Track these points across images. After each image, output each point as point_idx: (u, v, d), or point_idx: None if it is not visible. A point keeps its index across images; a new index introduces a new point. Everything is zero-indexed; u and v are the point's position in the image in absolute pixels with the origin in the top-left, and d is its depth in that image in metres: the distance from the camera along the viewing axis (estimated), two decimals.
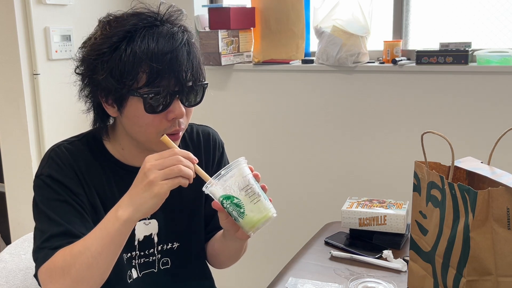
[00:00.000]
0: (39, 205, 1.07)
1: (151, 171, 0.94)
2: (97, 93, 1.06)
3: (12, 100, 2.29)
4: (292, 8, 2.43)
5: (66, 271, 0.97)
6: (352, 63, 2.26)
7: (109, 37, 1.02)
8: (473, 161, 1.16)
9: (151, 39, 1.00)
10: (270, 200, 1.03)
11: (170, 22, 1.06)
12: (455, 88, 2.13)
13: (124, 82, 1.00)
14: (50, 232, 1.03)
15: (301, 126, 2.47)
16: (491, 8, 2.17)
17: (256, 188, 1.00)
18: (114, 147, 1.15)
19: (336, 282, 1.30)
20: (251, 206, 0.98)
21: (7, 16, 2.20)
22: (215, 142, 1.30)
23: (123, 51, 1.00)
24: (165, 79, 1.01)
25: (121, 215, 0.96)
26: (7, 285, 1.25)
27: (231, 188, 0.98)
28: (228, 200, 0.99)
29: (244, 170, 1.01)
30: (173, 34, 1.03)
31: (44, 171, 1.08)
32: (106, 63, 1.01)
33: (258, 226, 0.99)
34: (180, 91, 1.03)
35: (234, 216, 1.00)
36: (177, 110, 1.04)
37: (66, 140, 1.15)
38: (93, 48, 1.03)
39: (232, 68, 2.56)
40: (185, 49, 1.03)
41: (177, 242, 1.23)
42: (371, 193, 2.18)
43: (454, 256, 1.03)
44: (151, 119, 1.03)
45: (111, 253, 0.99)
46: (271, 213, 1.00)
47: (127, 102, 1.03)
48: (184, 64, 1.02)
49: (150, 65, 0.99)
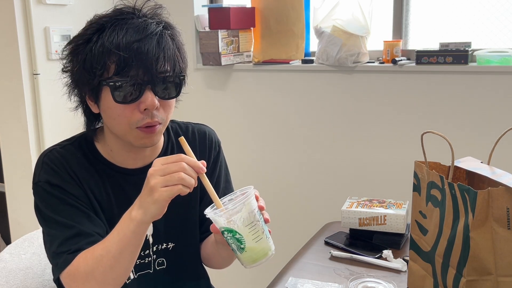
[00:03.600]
0: (43, 211, 1.08)
1: (153, 176, 0.94)
2: (78, 88, 1.08)
3: (12, 100, 2.29)
4: (292, 8, 2.43)
5: (90, 274, 0.99)
6: (352, 63, 2.26)
7: (85, 31, 1.04)
8: (473, 161, 1.16)
9: (120, 30, 1.01)
10: (270, 231, 1.00)
11: (146, 16, 1.07)
12: (455, 88, 2.13)
13: (94, 72, 1.01)
14: (63, 236, 1.04)
15: (301, 126, 2.47)
16: (491, 8, 2.17)
17: (260, 224, 0.97)
18: (103, 148, 1.15)
19: (336, 282, 1.30)
20: (252, 244, 0.95)
21: (7, 16, 2.20)
22: (211, 141, 1.29)
23: (94, 42, 1.01)
24: (133, 68, 1.00)
25: (134, 217, 0.97)
26: (7, 285, 1.25)
27: (235, 223, 0.94)
28: (230, 233, 0.96)
29: (252, 205, 0.97)
30: (146, 26, 1.03)
31: (41, 178, 1.08)
32: (79, 55, 1.03)
33: (256, 263, 0.97)
34: (150, 81, 1.02)
35: (232, 248, 0.97)
36: (148, 100, 1.02)
37: (58, 144, 1.15)
38: (71, 42, 1.06)
39: (232, 68, 2.56)
40: (155, 38, 1.02)
41: (172, 243, 1.23)
42: (371, 193, 2.18)
43: (454, 256, 1.03)
44: (122, 110, 1.03)
45: (131, 253, 1.01)
46: (271, 251, 0.98)
47: (101, 94, 1.04)
48: (152, 53, 1.01)
49: (118, 55, 0.99)
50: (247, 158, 2.60)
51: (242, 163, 2.58)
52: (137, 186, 1.01)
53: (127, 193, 1.13)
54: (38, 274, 1.32)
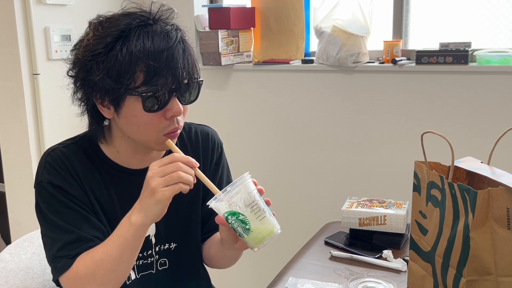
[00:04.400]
0: (45, 212, 1.08)
1: (152, 179, 0.97)
2: (92, 95, 1.05)
3: (12, 100, 2.29)
4: (292, 8, 2.43)
5: (91, 277, 1.02)
6: (352, 63, 2.26)
7: (103, 37, 1.01)
8: (473, 161, 1.16)
9: (146, 37, 1.00)
10: (274, 214, 1.02)
11: (163, 20, 1.06)
12: (455, 88, 2.13)
13: (121, 81, 0.99)
14: (63, 240, 1.06)
15: (301, 126, 2.47)
16: (491, 8, 2.17)
17: (262, 204, 1.00)
18: (109, 149, 1.15)
19: (336, 282, 1.30)
20: (256, 223, 0.98)
21: (7, 16, 2.20)
22: (214, 142, 1.30)
23: (118, 50, 0.99)
24: (162, 77, 1.00)
25: (134, 221, 1.00)
26: (7, 285, 1.25)
27: (236, 204, 0.98)
28: (233, 216, 0.98)
29: (249, 186, 1.00)
30: (167, 32, 1.03)
31: (44, 178, 1.08)
32: (102, 64, 1.00)
33: (264, 242, 0.99)
34: (177, 89, 1.03)
35: (239, 232, 0.99)
36: (175, 107, 1.04)
37: (62, 143, 1.15)
38: (87, 49, 1.02)
39: (232, 68, 2.56)
40: (180, 46, 1.03)
41: (174, 243, 1.23)
42: (371, 193, 2.18)
43: (454, 256, 1.03)
44: (150, 118, 1.03)
45: (130, 256, 1.04)
46: (276, 229, 1.00)
47: (124, 102, 1.03)
48: (180, 62, 1.02)
49: (147, 64, 0.99)
50: (247, 158, 2.59)
51: (242, 163, 2.58)
52: (142, 187, 1.03)
53: (131, 193, 1.13)
54: (38, 274, 1.32)
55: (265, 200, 1.03)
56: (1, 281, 1.25)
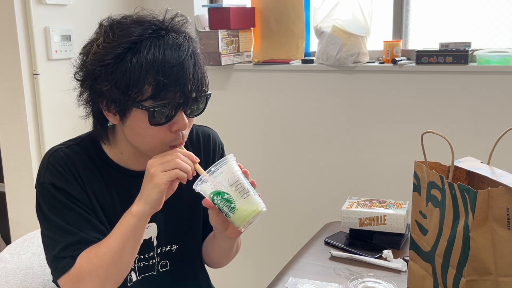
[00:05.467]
0: (46, 212, 1.08)
1: (152, 165, 1.02)
2: (98, 100, 1.05)
3: (12, 100, 2.29)
4: (292, 8, 2.43)
5: (94, 272, 1.03)
6: (352, 63, 2.26)
7: (113, 47, 0.99)
8: (473, 161, 1.16)
9: (157, 49, 0.98)
10: (259, 195, 1.05)
11: (175, 30, 1.04)
12: (455, 88, 2.13)
13: (129, 94, 0.98)
14: (65, 242, 1.06)
15: (301, 126, 2.47)
16: (491, 8, 2.17)
17: (246, 184, 1.03)
18: (113, 151, 1.15)
19: (336, 282, 1.30)
20: (241, 201, 1.01)
21: (7, 16, 2.20)
22: (215, 143, 1.30)
23: (128, 62, 0.98)
24: (170, 91, 0.99)
25: (134, 210, 1.03)
26: (7, 285, 1.25)
27: (221, 184, 1.01)
28: (218, 196, 1.01)
29: (233, 167, 1.04)
30: (179, 45, 1.01)
31: (46, 179, 1.08)
32: (111, 74, 0.99)
33: (249, 220, 1.01)
34: (184, 103, 1.02)
35: (224, 211, 1.02)
36: (181, 122, 1.04)
37: (64, 143, 1.14)
38: (97, 57, 1.00)
39: (232, 68, 2.56)
40: (191, 60, 1.01)
41: (175, 245, 1.23)
42: (371, 193, 2.18)
43: (454, 256, 1.03)
44: (155, 131, 1.03)
45: (132, 248, 1.05)
46: (261, 207, 1.02)
47: (131, 113, 1.02)
48: (190, 77, 1.00)
49: (156, 79, 0.97)
50: (247, 158, 2.59)
51: (242, 162, 2.57)
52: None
53: (132, 194, 1.12)
54: (38, 274, 1.32)
55: (251, 182, 1.05)
56: (1, 281, 1.25)
